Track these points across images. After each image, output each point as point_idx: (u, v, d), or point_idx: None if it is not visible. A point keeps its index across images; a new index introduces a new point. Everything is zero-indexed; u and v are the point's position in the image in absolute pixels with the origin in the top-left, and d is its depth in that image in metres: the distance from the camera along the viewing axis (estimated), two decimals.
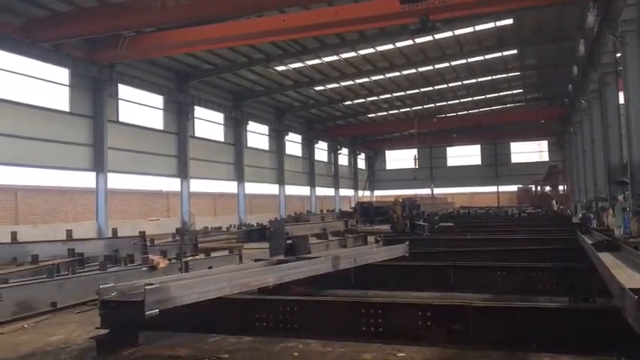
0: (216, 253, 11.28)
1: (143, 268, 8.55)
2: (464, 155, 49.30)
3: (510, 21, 23.46)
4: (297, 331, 4.65)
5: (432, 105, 38.63)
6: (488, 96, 38.10)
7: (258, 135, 33.73)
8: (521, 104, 42.02)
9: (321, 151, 42.82)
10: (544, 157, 47.85)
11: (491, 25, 23.79)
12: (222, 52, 23.74)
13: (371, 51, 26.05)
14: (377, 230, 18.96)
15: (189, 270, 8.66)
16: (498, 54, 28.23)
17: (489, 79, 33.41)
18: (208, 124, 28.89)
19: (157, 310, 4.03)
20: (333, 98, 35.03)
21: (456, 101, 39.20)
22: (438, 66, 29.49)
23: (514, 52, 28.12)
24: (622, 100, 14.76)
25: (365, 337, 4.44)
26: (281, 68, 27.48)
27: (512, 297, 6.03)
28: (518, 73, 32.68)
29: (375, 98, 35.88)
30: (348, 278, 6.83)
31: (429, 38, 24.29)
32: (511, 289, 6.49)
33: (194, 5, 15.43)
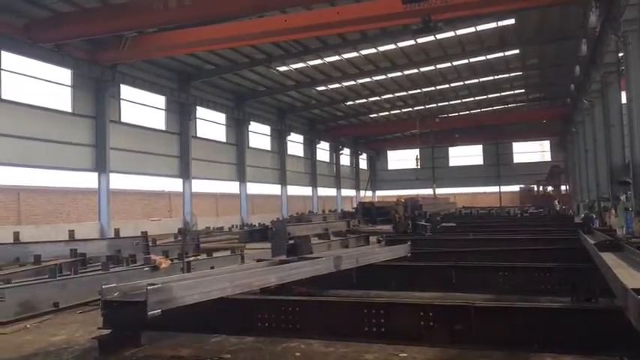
0: (218, 254, 11.30)
1: (145, 269, 8.57)
2: (466, 155, 49.27)
3: (512, 21, 23.42)
4: (300, 331, 4.64)
5: (434, 105, 38.61)
6: (490, 96, 38.05)
7: (260, 135, 33.75)
8: (524, 104, 41.95)
9: (322, 151, 42.83)
10: (546, 157, 47.74)
11: (493, 25, 23.76)
12: (224, 52, 23.75)
13: (373, 51, 26.03)
14: (379, 230, 18.99)
15: (191, 270, 8.67)
16: (500, 54, 28.19)
17: (491, 79, 33.37)
18: (210, 124, 28.90)
19: (160, 310, 4.03)
20: (334, 98, 35.02)
21: (458, 101, 39.16)
22: (439, 66, 29.46)
23: (516, 52, 28.07)
24: (624, 99, 14.76)
25: (367, 338, 4.43)
26: (283, 68, 27.48)
27: (515, 297, 6.02)
28: (520, 73, 32.61)
29: (376, 98, 35.84)
30: (350, 278, 6.82)
31: (431, 38, 24.28)
32: (513, 289, 6.48)
33: (196, 6, 15.43)
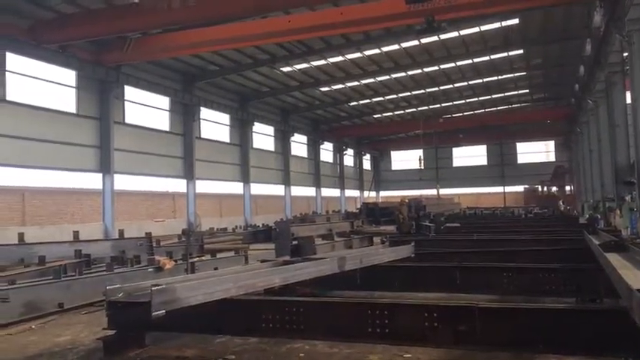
0: (222, 254, 11.31)
1: (149, 269, 8.59)
2: (470, 155, 49.12)
3: (516, 21, 23.35)
4: (303, 332, 4.64)
5: (438, 105, 38.49)
6: (494, 96, 37.91)
7: (263, 136, 33.76)
8: (528, 104, 41.80)
9: (326, 151, 42.79)
10: (551, 157, 47.56)
11: (497, 25, 23.68)
12: (228, 53, 23.77)
13: (376, 51, 25.99)
14: (383, 231, 18.96)
15: (195, 271, 8.70)
16: (504, 54, 28.08)
17: (495, 79, 33.26)
18: (214, 125, 28.92)
19: (164, 310, 4.04)
20: (338, 99, 34.99)
21: (462, 101, 39.05)
22: (443, 66, 29.38)
23: (520, 52, 27.97)
24: (629, 99, 14.69)
25: (371, 338, 4.43)
26: (286, 69, 27.48)
27: (519, 298, 6.02)
28: (525, 73, 32.48)
29: (380, 99, 35.78)
30: (354, 279, 6.81)
31: (435, 38, 24.22)
32: (518, 289, 6.46)
33: (200, 6, 15.46)
